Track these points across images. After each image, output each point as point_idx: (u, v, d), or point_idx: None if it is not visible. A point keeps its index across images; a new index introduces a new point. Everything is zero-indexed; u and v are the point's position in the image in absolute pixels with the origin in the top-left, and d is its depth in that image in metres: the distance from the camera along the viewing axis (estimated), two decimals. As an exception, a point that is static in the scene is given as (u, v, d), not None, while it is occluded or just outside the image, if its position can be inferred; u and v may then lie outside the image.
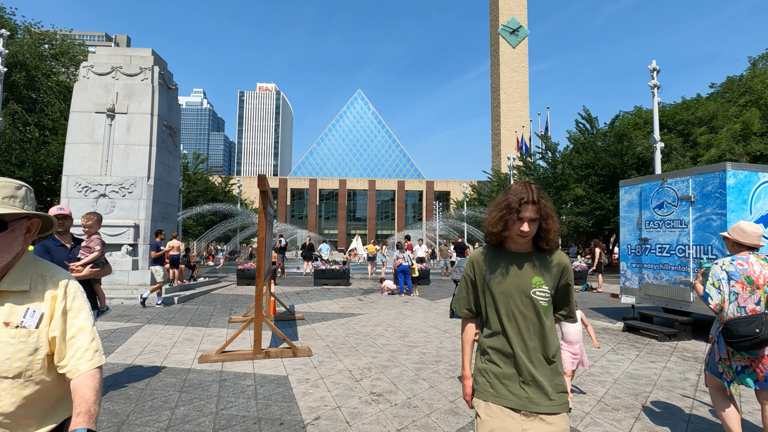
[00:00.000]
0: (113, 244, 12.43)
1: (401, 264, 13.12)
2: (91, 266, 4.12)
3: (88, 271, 4.04)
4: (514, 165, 37.52)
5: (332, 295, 13.13)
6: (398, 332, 7.73)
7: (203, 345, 6.61)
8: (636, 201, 8.78)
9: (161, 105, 13.50)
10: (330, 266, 16.02)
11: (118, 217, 12.64)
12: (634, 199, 8.87)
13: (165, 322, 8.55)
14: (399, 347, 6.58)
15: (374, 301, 11.89)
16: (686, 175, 7.73)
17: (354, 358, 5.89)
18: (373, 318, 9.23)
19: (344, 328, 8.11)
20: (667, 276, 7.97)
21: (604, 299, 12.74)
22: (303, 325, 8.31)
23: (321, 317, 9.29)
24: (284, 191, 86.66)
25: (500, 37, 79.01)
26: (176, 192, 14.61)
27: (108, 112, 12.92)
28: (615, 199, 24.67)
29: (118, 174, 12.81)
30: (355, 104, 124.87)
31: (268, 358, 5.79)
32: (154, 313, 9.58)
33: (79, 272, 3.94)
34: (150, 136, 13.07)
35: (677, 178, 7.88)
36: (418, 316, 9.60)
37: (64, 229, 4.05)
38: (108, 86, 13.12)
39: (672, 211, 7.90)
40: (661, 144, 19.13)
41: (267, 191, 6.01)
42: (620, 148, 24.47)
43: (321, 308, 10.60)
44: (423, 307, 10.97)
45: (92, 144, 12.84)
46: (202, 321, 8.68)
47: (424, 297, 13.02)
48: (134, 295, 11.17)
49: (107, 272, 4.37)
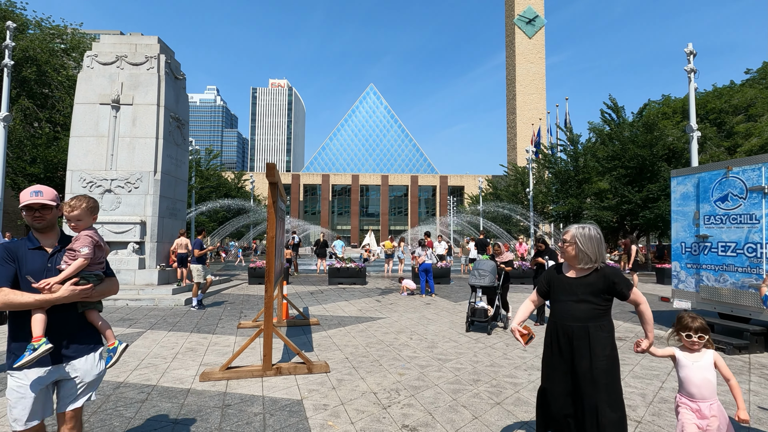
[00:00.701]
0: (119, 242, 11.85)
1: (424, 262, 12.26)
2: (74, 282, 2.36)
3: (67, 291, 2.31)
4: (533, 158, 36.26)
5: (348, 296, 12.37)
6: (424, 341, 6.91)
7: (207, 357, 5.88)
8: (692, 193, 7.76)
9: (168, 95, 12.85)
10: (345, 264, 15.26)
11: (124, 214, 12.06)
12: (689, 190, 7.84)
13: (169, 327, 7.88)
14: (428, 361, 5.75)
15: (393, 303, 11.08)
16: (758, 163, 6.69)
17: (378, 376, 5.09)
18: (394, 323, 8.42)
19: (364, 335, 7.32)
20: (732, 278, 6.97)
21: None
22: (318, 332, 7.54)
23: (337, 322, 8.51)
24: (297, 187, 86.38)
25: (516, 27, 77.02)
26: (185, 187, 14.00)
27: (113, 104, 12.32)
28: (643, 192, 23.38)
29: (124, 168, 12.22)
30: (367, 99, 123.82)
31: (280, 375, 5.02)
32: (158, 317, 8.92)
33: (52, 293, 2.29)
34: (156, 129, 12.44)
35: (746, 167, 6.85)
36: (443, 320, 8.76)
37: (44, 223, 2.41)
38: (113, 76, 12.51)
39: (739, 204, 6.88)
40: (697, 133, 17.86)
41: (277, 183, 5.21)
42: (650, 139, 23.12)
43: (337, 311, 9.84)
44: (447, 310, 10.11)
45: (97, 137, 12.26)
46: (209, 326, 7.98)
47: (446, 298, 12.16)
48: (140, 297, 10.56)
49: (109, 292, 2.59)
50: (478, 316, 7.60)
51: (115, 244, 11.92)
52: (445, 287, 14.70)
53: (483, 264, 8.10)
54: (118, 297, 10.37)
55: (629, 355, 6.14)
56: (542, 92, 77.19)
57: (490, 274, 7.90)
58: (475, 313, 7.65)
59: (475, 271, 8.13)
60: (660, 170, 23.24)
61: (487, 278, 7.87)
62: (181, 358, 5.83)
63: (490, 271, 7.92)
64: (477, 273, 8.01)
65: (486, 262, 8.13)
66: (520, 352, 6.25)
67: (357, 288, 14.33)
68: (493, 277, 7.92)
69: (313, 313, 9.57)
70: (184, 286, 11.84)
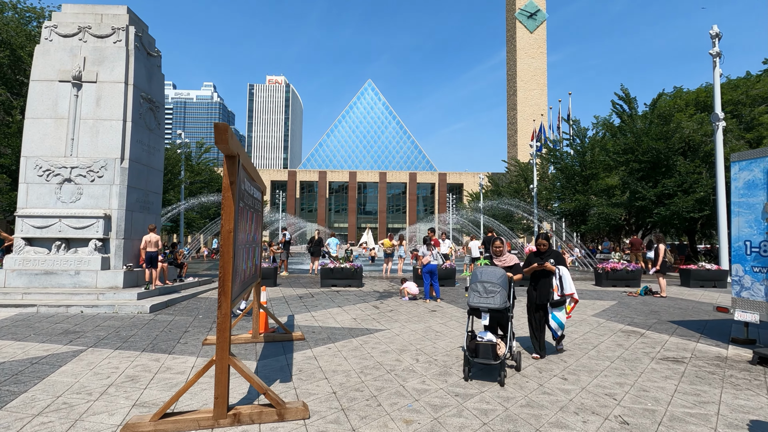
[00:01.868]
0: (79, 239, 10.35)
1: (429, 263, 10.81)
2: None
3: None
4: (536, 153, 34.85)
5: (342, 301, 10.91)
6: (434, 364, 5.46)
7: (149, 391, 4.41)
8: (762, 180, 6.33)
9: (138, 73, 11.33)
10: (339, 264, 13.79)
11: (86, 206, 10.56)
12: (758, 177, 6.42)
13: (119, 343, 6.40)
14: (442, 397, 4.30)
15: (394, 310, 9.63)
16: None
17: (376, 425, 3.64)
18: (395, 337, 6.97)
19: (358, 355, 5.86)
20: (821, 286, 5.55)
21: (678, 307, 10.29)
22: (302, 351, 6.08)
23: (327, 335, 7.06)
24: (293, 184, 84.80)
25: (517, 21, 75.53)
26: (160, 178, 12.48)
27: (74, 81, 10.80)
28: (658, 188, 21.99)
29: (86, 155, 10.71)
30: (365, 95, 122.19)
31: (238, 425, 3.56)
32: (111, 329, 7.43)
33: None
34: (124, 110, 10.93)
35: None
36: (454, 333, 7.31)
37: None
38: (74, 50, 10.98)
39: (832, 192, 5.45)
40: (722, 123, 16.47)
41: (237, 156, 3.75)
42: (665, 131, 21.70)
43: (327, 320, 8.38)
44: (457, 319, 8.67)
45: (55, 119, 10.75)
46: (168, 342, 6.51)
47: (453, 303, 10.72)
48: (99, 302, 9.07)
49: None
50: (482, 355, 4.79)
51: (75, 241, 10.44)
52: (450, 290, 13.26)
53: (489, 273, 5.17)
54: (72, 303, 8.88)
55: (703, 388, 4.70)
56: (543, 88, 75.81)
57: (501, 288, 5.06)
58: (477, 352, 4.83)
59: (477, 285, 5.16)
60: (675, 164, 21.84)
61: (499, 296, 5.03)
62: (113, 393, 4.35)
63: (501, 284, 5.08)
64: (481, 288, 5.10)
65: (493, 271, 5.22)
66: (559, 382, 4.81)
67: (352, 291, 12.88)
68: (506, 294, 5.11)
69: (299, 322, 8.11)
70: (153, 289, 10.35)
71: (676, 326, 8.11)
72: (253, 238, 5.66)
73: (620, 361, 5.73)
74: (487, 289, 5.09)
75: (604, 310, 9.91)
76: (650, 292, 12.38)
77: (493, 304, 5.02)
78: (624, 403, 4.23)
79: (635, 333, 7.48)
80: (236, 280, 4.08)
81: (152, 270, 10.48)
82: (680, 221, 21.64)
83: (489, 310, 5.06)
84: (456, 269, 14.80)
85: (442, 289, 13.43)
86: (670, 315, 9.29)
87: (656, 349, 6.37)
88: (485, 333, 5.12)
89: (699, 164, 21.72)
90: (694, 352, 6.27)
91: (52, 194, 10.51)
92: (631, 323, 8.35)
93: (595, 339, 6.97)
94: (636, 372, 5.25)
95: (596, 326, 8.01)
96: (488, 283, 5.11)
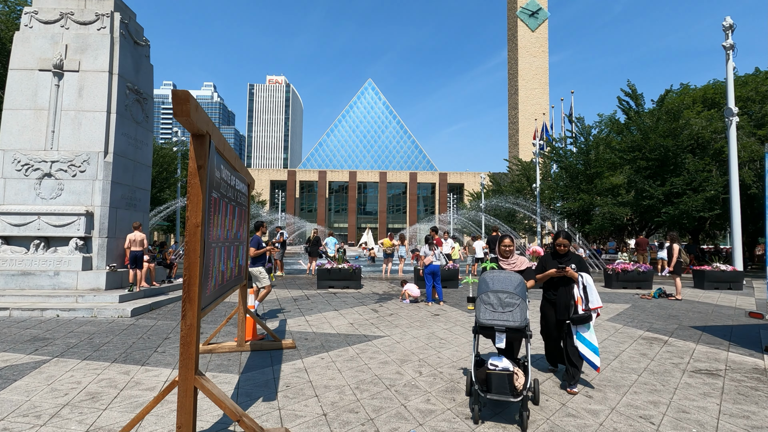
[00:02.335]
0: (59, 237, 9.73)
1: (431, 264, 10.18)
2: None
3: None
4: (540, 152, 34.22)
5: (339, 303, 10.28)
6: (440, 378, 4.83)
7: (109, 413, 3.79)
8: (803, 172, 5.70)
9: (124, 62, 10.71)
10: (337, 265, 13.16)
11: (67, 203, 9.94)
12: (798, 169, 5.78)
13: (89, 352, 5.78)
14: (452, 421, 3.68)
15: (394, 314, 9.00)
16: None
17: (373, 460, 3.01)
18: (396, 345, 6.34)
19: (354, 367, 5.23)
20: None
21: (697, 311, 9.66)
22: (291, 361, 5.45)
23: (321, 343, 6.43)
24: (293, 184, 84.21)
25: (518, 20, 74.89)
26: (148, 173, 11.86)
27: (55, 70, 10.18)
28: (666, 187, 21.34)
29: (68, 148, 10.09)
30: (365, 94, 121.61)
31: (206, 461, 2.94)
32: (85, 335, 6.80)
33: None
34: (108, 101, 10.31)
35: None
36: (459, 341, 6.68)
37: None
38: (55, 37, 10.36)
39: None
40: (736, 118, 15.85)
41: (207, 135, 3.12)
42: (674, 128, 21.06)
43: (322, 324, 7.75)
44: (461, 324, 8.04)
45: (35, 110, 10.13)
46: (143, 351, 5.88)
47: (457, 307, 10.08)
48: (77, 305, 8.44)
49: None
50: (497, 389, 3.71)
51: (55, 239, 9.81)
52: (452, 292, 12.63)
53: (503, 280, 3.96)
54: (48, 306, 8.26)
55: (750, 408, 4.07)
56: (545, 87, 75.18)
57: (521, 300, 3.88)
58: (490, 384, 3.75)
59: (489, 295, 3.91)
60: (684, 162, 21.20)
61: (518, 310, 3.85)
62: (66, 415, 3.73)
63: (520, 294, 3.89)
64: (495, 300, 3.89)
65: (508, 277, 4.00)
66: (583, 401, 4.18)
67: (350, 293, 12.24)
68: (526, 308, 3.92)
69: (291, 328, 7.48)
70: (137, 291, 9.72)
71: (700, 333, 7.47)
72: (236, 235, 5.03)
73: (648, 374, 5.10)
74: (503, 301, 3.87)
75: (618, 314, 9.28)
76: (664, 295, 11.74)
77: (512, 322, 3.81)
78: (664, 428, 3.60)
79: (657, 340, 6.85)
80: (207, 283, 3.45)
81: (137, 271, 9.85)
82: (689, 221, 21.00)
83: (506, 329, 3.82)
84: (459, 269, 14.16)
85: (445, 291, 12.81)
86: (690, 320, 8.65)
87: (685, 360, 5.74)
88: (499, 358, 3.92)
89: (709, 162, 21.08)
90: (728, 363, 5.64)
91: (30, 190, 9.89)
92: (650, 329, 7.72)
93: (615, 347, 6.34)
94: (669, 387, 4.62)
95: (613, 332, 7.38)
96: (504, 293, 3.88)
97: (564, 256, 4.81)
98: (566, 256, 4.80)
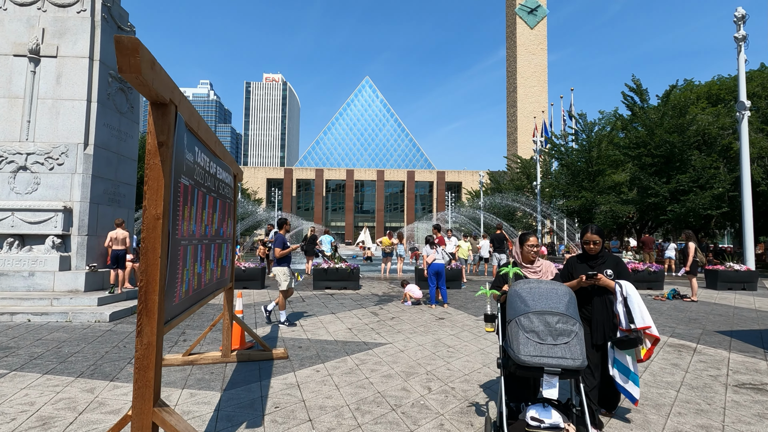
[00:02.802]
0: (35, 235, 9.05)
1: (434, 262, 9.56)
2: None
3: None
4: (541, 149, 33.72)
5: (336, 306, 9.65)
6: (453, 397, 4.21)
7: (58, 445, 3.14)
8: None
9: (106, 48, 10.02)
10: (334, 264, 12.52)
11: (44, 198, 9.25)
12: None
13: (55, 363, 5.11)
14: (472, 455, 3.05)
15: (396, 317, 8.38)
16: None
17: None
18: (399, 355, 5.71)
19: (354, 382, 4.60)
20: None
21: (718, 314, 9.08)
22: (282, 375, 4.81)
23: (316, 352, 5.79)
24: (290, 182, 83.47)
25: (517, 17, 74.32)
26: (133, 167, 11.16)
27: (31, 55, 9.48)
28: (672, 184, 20.82)
29: (44, 139, 9.39)
30: (363, 92, 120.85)
31: None
32: (53, 343, 6.13)
33: None
34: (89, 89, 9.62)
35: None
36: (469, 348, 6.06)
37: None
38: (32, 20, 9.66)
39: None
40: (748, 113, 15.32)
41: (167, 104, 2.48)
42: (680, 123, 20.52)
43: (318, 330, 7.11)
44: (469, 329, 7.42)
45: (9, 98, 9.43)
46: (115, 363, 5.22)
47: (462, 309, 9.48)
48: (51, 309, 7.77)
49: None
50: None
51: (30, 237, 9.12)
52: (456, 293, 12.02)
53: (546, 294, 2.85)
54: (19, 309, 7.59)
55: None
56: (544, 85, 74.70)
57: (579, 325, 2.75)
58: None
59: (532, 318, 2.74)
60: (690, 159, 20.68)
61: (576, 341, 2.68)
62: (5, 449, 3.08)
63: (574, 315, 2.80)
64: (541, 325, 2.71)
65: (553, 289, 2.91)
66: (621, 426, 3.56)
67: (348, 294, 11.61)
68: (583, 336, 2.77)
69: (284, 334, 6.84)
70: (119, 293, 9.05)
71: (728, 339, 6.89)
72: (218, 231, 4.38)
73: (687, 389, 4.50)
74: (554, 327, 2.67)
75: (635, 317, 8.68)
76: (679, 296, 11.17)
77: (571, 360, 2.60)
78: (730, 464, 2.98)
79: (685, 348, 6.25)
80: (174, 290, 2.81)
81: (119, 271, 9.18)
82: (696, 219, 20.49)
83: (563, 370, 2.60)
84: (462, 268, 13.54)
85: (447, 291, 12.19)
86: (713, 324, 8.07)
87: (722, 371, 5.14)
88: (546, 410, 2.72)
89: (716, 158, 20.57)
90: (756, 371, 5.05)
91: (4, 184, 9.19)
92: (674, 334, 7.13)
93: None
94: (716, 407, 4.02)
95: (636, 338, 6.77)
96: (553, 314, 2.70)
97: (595, 257, 3.78)
98: (599, 257, 3.78)
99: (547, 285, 2.97)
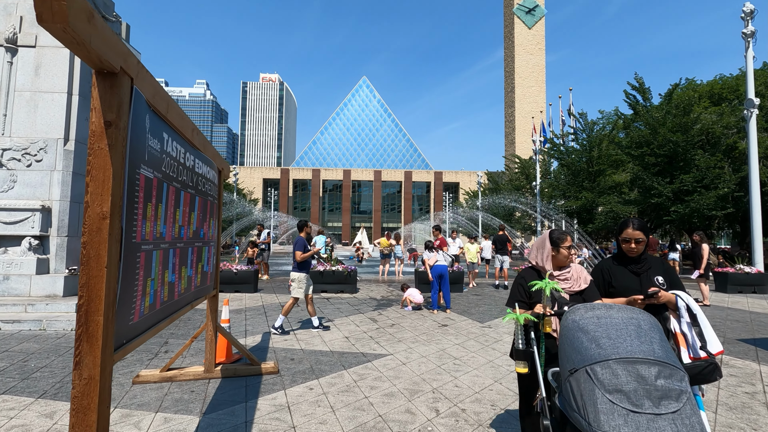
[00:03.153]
0: (11, 236, 8.48)
1: (437, 263, 9.06)
2: None
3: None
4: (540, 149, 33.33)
5: (332, 311, 9.13)
6: (465, 421, 3.70)
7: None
8: None
9: (89, 38, 9.43)
10: (330, 266, 12.00)
11: (20, 197, 8.68)
12: None
13: (16, 380, 4.57)
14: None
15: (396, 324, 7.87)
16: None
17: None
18: (401, 368, 5.20)
19: (351, 403, 4.08)
20: None
21: (735, 320, 8.63)
22: (271, 394, 4.29)
23: (310, 365, 5.27)
24: (286, 182, 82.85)
25: (515, 17, 74.04)
26: (118, 165, 10.59)
27: (7, 45, 8.91)
28: (675, 184, 20.43)
29: (22, 134, 8.83)
30: (360, 92, 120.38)
31: None
32: (19, 356, 5.58)
33: None
34: (70, 80, 9.06)
35: None
36: (477, 360, 5.56)
37: None
38: (9, 8, 9.10)
39: None
40: (755, 111, 14.94)
41: (117, 73, 1.96)
42: (684, 122, 20.14)
43: (313, 339, 6.59)
44: (475, 337, 6.92)
45: (-16, 90, 8.84)
46: (87, 378, 4.68)
47: (465, 314, 8.99)
48: (24, 317, 7.21)
49: None
50: None
51: (5, 238, 8.55)
52: (457, 297, 11.52)
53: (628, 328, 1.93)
54: (-11, 317, 7.01)
55: None
56: (542, 85, 74.47)
57: (687, 382, 1.75)
58: None
59: (617, 372, 1.72)
60: (694, 159, 20.29)
61: (689, 409, 1.66)
62: (-71, 497, 2.54)
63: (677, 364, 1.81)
64: (632, 383, 1.69)
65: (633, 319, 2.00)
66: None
67: (345, 298, 11.10)
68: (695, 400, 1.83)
69: (276, 344, 6.31)
70: (101, 298, 8.49)
71: (753, 348, 6.43)
72: (198, 233, 3.86)
73: (726, 410, 4.02)
74: (655, 386, 1.70)
75: (649, 323, 8.22)
76: (689, 300, 10.70)
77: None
78: None
79: (711, 359, 5.76)
80: (129, 307, 2.28)
81: (101, 274, 8.62)
82: (700, 220, 20.10)
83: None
84: (463, 271, 13.03)
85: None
86: (733, 331, 7.62)
87: (758, 388, 4.67)
88: None
89: (720, 158, 20.20)
90: (811, 391, 4.58)
91: (-22, 182, 8.61)
92: (694, 343, 6.64)
93: (666, 369, 5.25)
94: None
95: (655, 348, 6.29)
96: (653, 364, 1.76)
97: (638, 261, 2.81)
98: (642, 261, 2.81)
99: (621, 313, 2.04)
